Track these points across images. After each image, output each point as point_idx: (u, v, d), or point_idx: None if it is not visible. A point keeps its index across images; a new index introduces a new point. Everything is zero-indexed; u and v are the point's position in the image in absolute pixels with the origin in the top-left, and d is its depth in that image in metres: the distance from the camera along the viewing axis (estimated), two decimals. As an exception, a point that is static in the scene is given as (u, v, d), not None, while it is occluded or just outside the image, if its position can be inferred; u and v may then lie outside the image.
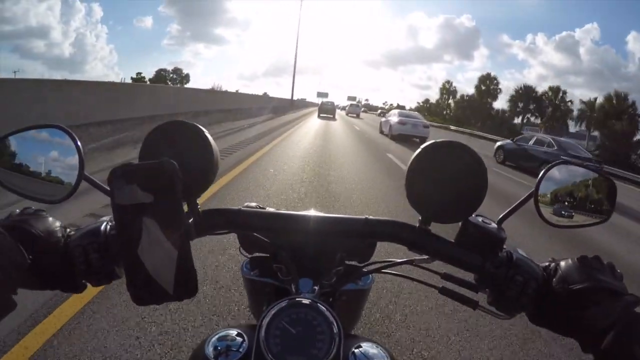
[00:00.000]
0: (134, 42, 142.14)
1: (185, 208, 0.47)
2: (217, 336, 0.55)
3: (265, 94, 48.68)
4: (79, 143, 0.47)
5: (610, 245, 4.32)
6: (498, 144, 12.34)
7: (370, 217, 0.53)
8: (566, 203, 0.49)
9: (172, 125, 0.51)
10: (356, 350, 0.54)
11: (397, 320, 2.18)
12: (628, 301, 0.41)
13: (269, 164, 5.76)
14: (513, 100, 42.28)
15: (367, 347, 0.55)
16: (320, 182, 5.15)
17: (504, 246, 0.48)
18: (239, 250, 0.65)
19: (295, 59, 41.75)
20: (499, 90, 51.92)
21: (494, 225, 0.49)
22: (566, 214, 0.49)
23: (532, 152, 9.96)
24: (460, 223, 0.49)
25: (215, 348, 0.53)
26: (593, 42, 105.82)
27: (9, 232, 0.41)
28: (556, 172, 0.48)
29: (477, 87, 51.11)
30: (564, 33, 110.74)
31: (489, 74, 52.31)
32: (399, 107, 31.84)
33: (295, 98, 49.40)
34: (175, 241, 0.40)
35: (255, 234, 0.57)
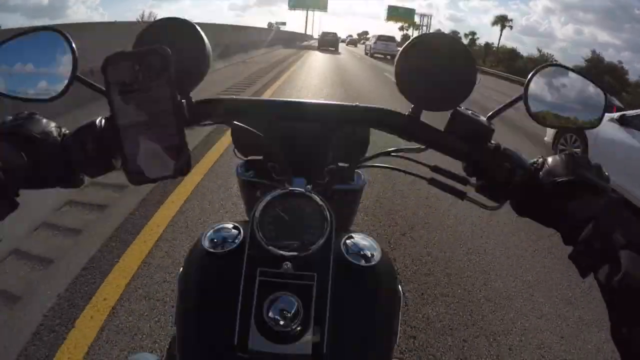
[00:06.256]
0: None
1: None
2: (212, 230, 0.64)
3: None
4: (73, 45, 0.54)
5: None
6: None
7: (361, 104, 0.60)
8: (555, 104, 0.58)
9: (165, 21, 0.59)
10: (348, 241, 0.63)
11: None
12: (611, 197, 0.47)
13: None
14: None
15: (358, 239, 0.64)
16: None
17: (492, 140, 0.57)
18: (234, 151, 0.74)
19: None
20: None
21: (482, 117, 0.57)
22: (555, 114, 0.58)
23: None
24: (449, 114, 0.57)
25: (211, 240, 0.62)
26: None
27: (6, 137, 0.49)
28: (546, 75, 0.58)
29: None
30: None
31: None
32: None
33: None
34: (168, 122, 0.47)
35: (248, 127, 0.65)
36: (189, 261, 0.65)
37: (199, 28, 0.58)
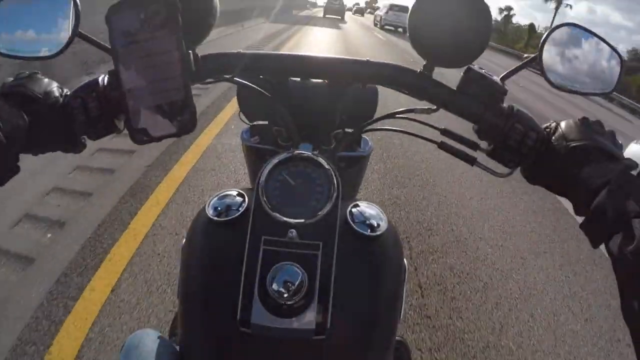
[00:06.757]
0: None
1: None
2: (217, 197, 0.64)
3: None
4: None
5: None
6: (525, 55, 21.54)
7: (372, 60, 0.59)
8: (570, 66, 0.57)
9: None
10: (354, 209, 0.62)
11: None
12: (625, 164, 0.47)
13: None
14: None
15: (365, 207, 0.63)
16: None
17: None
18: (239, 116, 0.74)
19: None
20: None
21: (496, 77, 0.56)
22: (569, 78, 0.56)
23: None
24: (462, 73, 0.56)
25: (215, 209, 0.62)
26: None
27: (6, 98, 0.48)
28: (562, 35, 0.56)
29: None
30: None
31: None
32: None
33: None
34: (174, 76, 0.46)
35: (255, 86, 0.64)
36: (192, 230, 0.64)
37: None
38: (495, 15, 60.99)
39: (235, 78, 0.64)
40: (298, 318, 0.51)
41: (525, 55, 0.56)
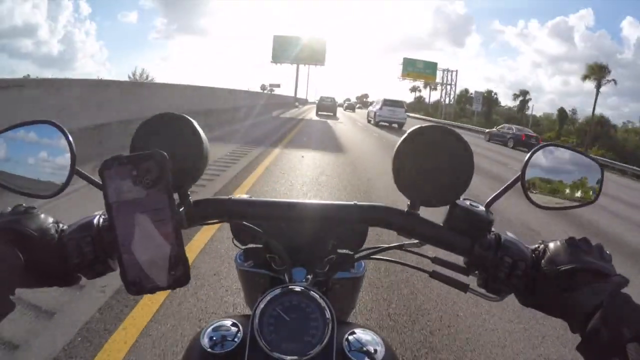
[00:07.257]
0: (121, 37, 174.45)
1: (177, 198, 0.54)
2: (212, 327, 0.64)
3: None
4: (70, 138, 0.56)
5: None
6: (486, 130, 27.42)
7: (359, 202, 0.62)
8: (553, 184, 0.59)
9: (162, 117, 0.59)
10: (350, 337, 0.63)
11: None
12: (615, 282, 0.49)
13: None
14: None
15: (361, 334, 0.64)
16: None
17: (492, 229, 0.58)
18: (232, 241, 0.76)
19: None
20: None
21: (481, 208, 0.58)
22: (553, 194, 0.59)
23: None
24: (448, 206, 0.58)
25: (210, 339, 0.62)
26: (587, 28, 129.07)
27: (2, 234, 0.49)
28: (543, 155, 0.59)
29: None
30: (557, 19, 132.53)
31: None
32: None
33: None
34: (167, 232, 0.47)
35: (246, 223, 0.68)
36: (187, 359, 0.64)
37: (195, 123, 0.59)
38: (509, 102, 60.56)
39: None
40: None
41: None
